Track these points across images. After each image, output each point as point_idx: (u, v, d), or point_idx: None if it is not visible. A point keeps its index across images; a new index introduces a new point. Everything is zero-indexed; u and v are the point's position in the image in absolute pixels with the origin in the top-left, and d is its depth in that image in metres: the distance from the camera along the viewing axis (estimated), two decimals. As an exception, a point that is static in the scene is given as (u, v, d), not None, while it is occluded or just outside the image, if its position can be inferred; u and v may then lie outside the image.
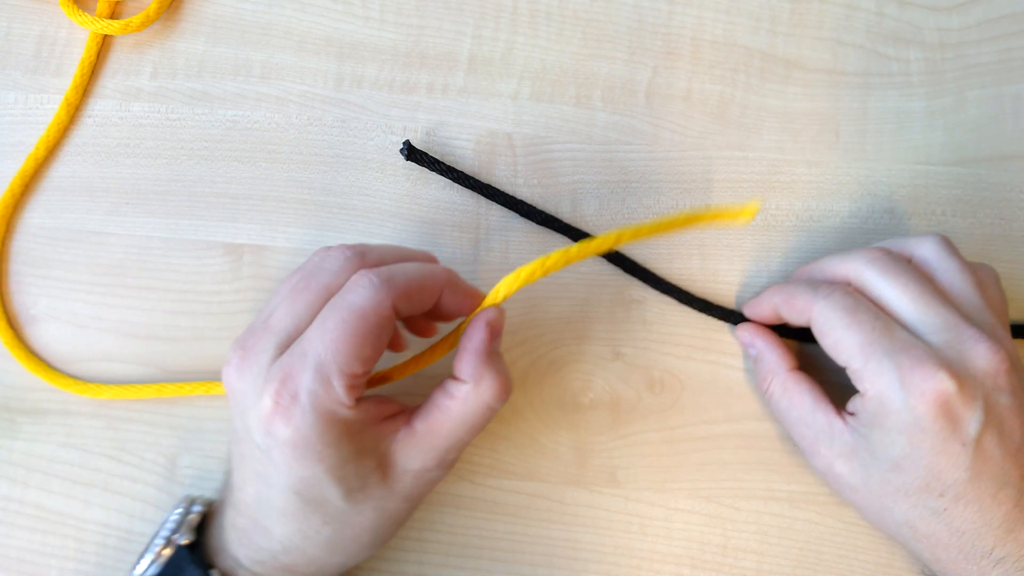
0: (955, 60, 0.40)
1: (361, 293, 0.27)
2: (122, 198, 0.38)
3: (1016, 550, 0.29)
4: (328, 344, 0.27)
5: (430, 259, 0.32)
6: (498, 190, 0.38)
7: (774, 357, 0.35)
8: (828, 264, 0.34)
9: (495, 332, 0.30)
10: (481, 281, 0.38)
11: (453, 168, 0.37)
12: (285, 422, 0.27)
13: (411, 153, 0.37)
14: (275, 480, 0.28)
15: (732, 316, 0.37)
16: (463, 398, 0.29)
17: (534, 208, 0.37)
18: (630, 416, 0.37)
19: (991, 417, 0.29)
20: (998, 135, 0.39)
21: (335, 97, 0.39)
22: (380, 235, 0.38)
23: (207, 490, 0.36)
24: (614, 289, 0.38)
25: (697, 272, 0.38)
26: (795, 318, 0.34)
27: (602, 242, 0.30)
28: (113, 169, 0.38)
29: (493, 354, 0.30)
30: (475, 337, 0.29)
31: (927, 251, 0.33)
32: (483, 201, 0.38)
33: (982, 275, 0.33)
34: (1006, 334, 0.32)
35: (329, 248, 0.30)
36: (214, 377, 0.37)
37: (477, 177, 0.38)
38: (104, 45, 0.39)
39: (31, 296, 0.37)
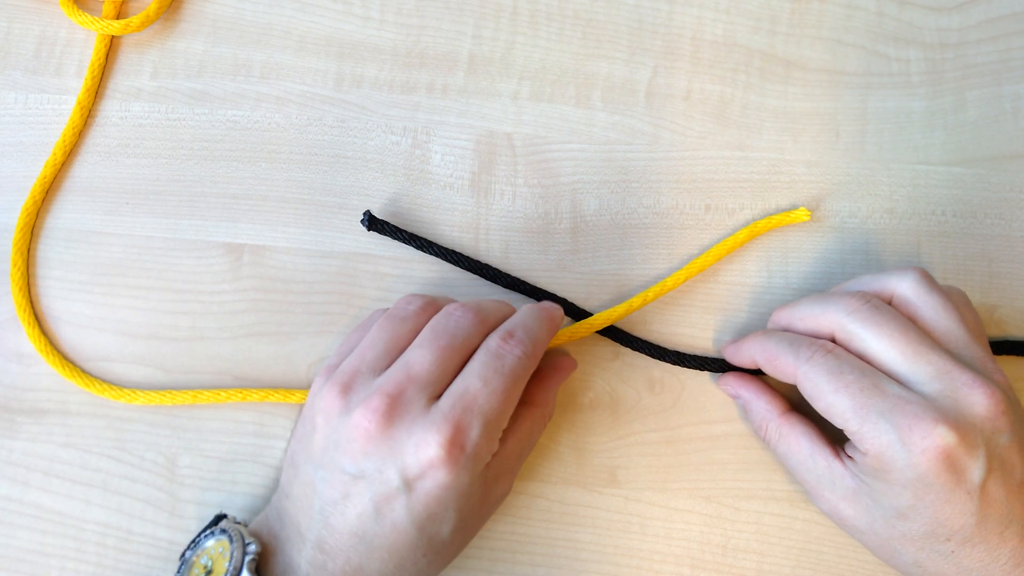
0: (955, 60, 0.40)
1: (518, 362, 0.31)
2: (122, 198, 0.38)
3: None
4: (493, 403, 0.30)
5: (511, 310, 0.34)
6: (463, 255, 0.37)
7: (762, 405, 0.35)
8: (808, 311, 0.33)
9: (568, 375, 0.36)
10: (480, 282, 0.38)
11: (417, 236, 0.37)
12: (450, 468, 0.29)
13: (372, 223, 0.37)
14: (399, 518, 0.29)
15: (709, 364, 0.36)
16: (533, 420, 0.33)
17: (499, 272, 0.37)
18: (630, 416, 0.37)
19: (993, 461, 0.29)
20: (998, 135, 0.39)
21: (335, 97, 0.39)
22: (380, 235, 0.38)
23: (207, 491, 0.36)
24: (614, 288, 0.38)
25: (698, 272, 0.38)
26: (780, 378, 0.33)
27: (677, 278, 0.37)
28: (113, 169, 0.38)
29: None
30: (558, 377, 0.35)
31: (907, 289, 0.32)
32: (483, 202, 0.38)
33: (955, 301, 0.32)
34: (995, 365, 0.31)
35: (452, 308, 0.32)
36: (215, 377, 0.37)
37: (476, 178, 0.38)
38: (107, 46, 0.39)
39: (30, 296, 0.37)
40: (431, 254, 0.37)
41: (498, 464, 0.32)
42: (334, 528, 0.30)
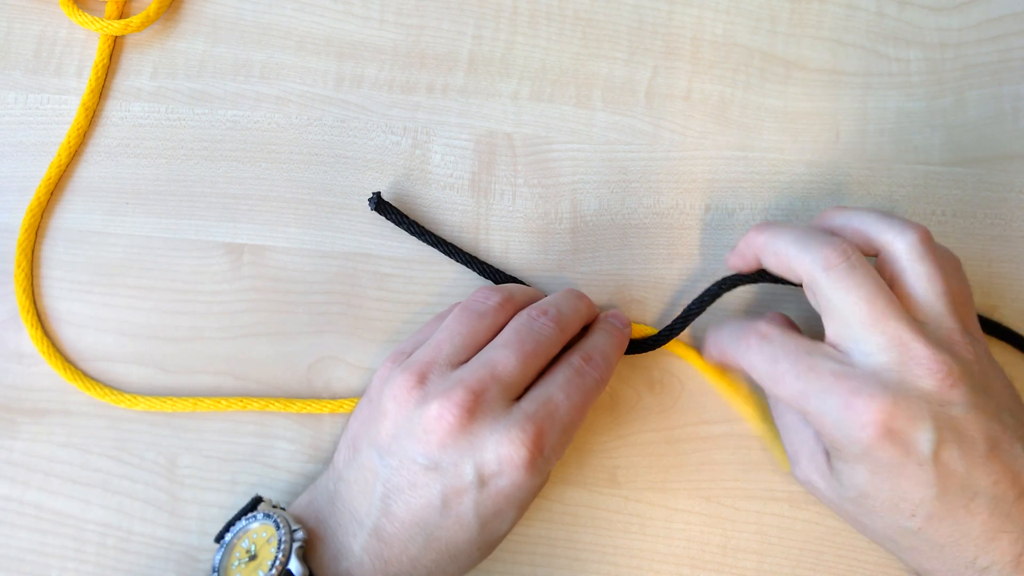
0: (955, 60, 0.40)
1: (595, 384, 0.32)
2: (122, 198, 0.38)
3: (999, 558, 0.29)
4: (573, 415, 0.31)
5: (587, 315, 0.35)
6: (458, 248, 0.37)
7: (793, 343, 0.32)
8: (784, 249, 0.32)
9: None
10: (480, 282, 0.38)
11: (417, 223, 0.37)
12: (528, 468, 0.29)
13: (379, 205, 0.37)
14: (465, 512, 0.30)
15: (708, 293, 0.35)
16: None
17: (493, 267, 0.37)
18: (630, 416, 0.37)
19: (945, 432, 0.28)
20: (998, 135, 0.39)
21: (335, 97, 0.39)
22: (380, 235, 0.38)
23: (207, 491, 0.36)
24: (614, 288, 0.38)
25: (697, 272, 0.38)
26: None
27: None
28: (113, 169, 0.38)
29: None
30: None
31: (900, 250, 0.31)
32: (483, 202, 0.38)
33: (946, 268, 0.31)
34: (968, 339, 0.30)
35: (536, 314, 0.33)
36: (215, 378, 0.37)
37: (476, 178, 0.38)
38: (111, 47, 0.39)
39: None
40: (429, 244, 0.37)
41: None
42: (395, 516, 0.30)
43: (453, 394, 0.30)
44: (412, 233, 0.37)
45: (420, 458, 0.30)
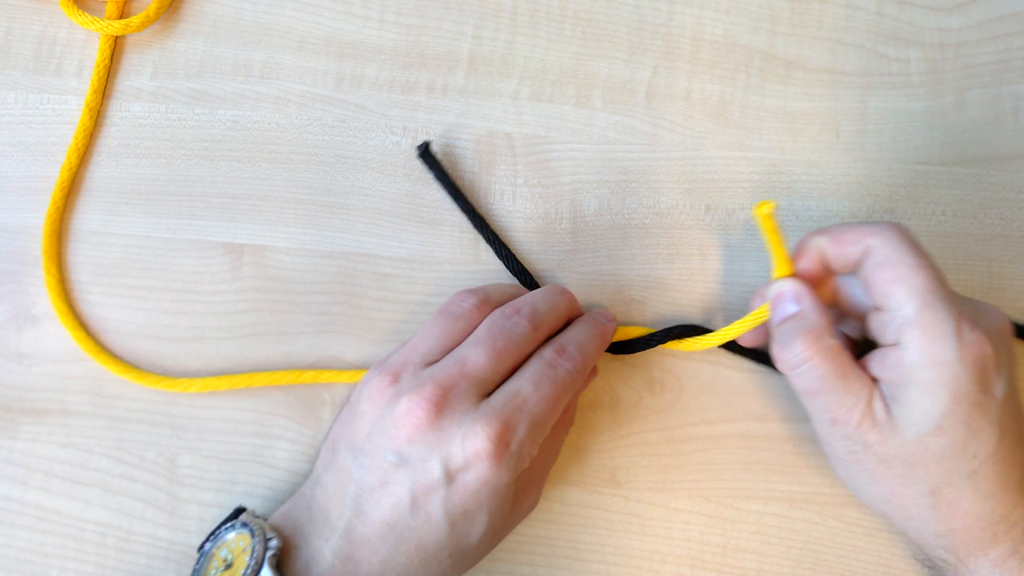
0: (955, 60, 0.40)
1: (568, 375, 0.32)
2: (122, 198, 0.38)
3: None
4: (543, 407, 0.31)
5: (565, 314, 0.35)
6: (486, 223, 0.37)
7: (823, 320, 0.31)
8: (840, 233, 0.31)
9: None
10: (480, 282, 0.38)
11: (454, 184, 0.37)
12: (493, 463, 0.29)
13: (424, 154, 0.37)
14: (434, 511, 0.30)
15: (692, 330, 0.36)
16: (558, 429, 0.34)
17: (510, 251, 0.37)
18: (630, 416, 0.37)
19: (1011, 379, 0.30)
20: (998, 135, 0.39)
21: (335, 97, 0.39)
22: (380, 235, 0.38)
23: (207, 491, 0.36)
24: (614, 289, 0.38)
25: (697, 273, 0.38)
26: (841, 258, 0.31)
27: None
28: (113, 169, 0.38)
29: None
30: (581, 386, 0.35)
31: (886, 241, 0.31)
32: (482, 202, 0.38)
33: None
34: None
35: (510, 312, 0.32)
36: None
37: (476, 179, 0.38)
38: (112, 47, 0.39)
39: (30, 296, 0.37)
40: (461, 209, 0.37)
41: (529, 472, 0.32)
42: (367, 516, 0.30)
43: (422, 389, 0.30)
44: (449, 193, 0.37)
45: (390, 455, 0.30)
